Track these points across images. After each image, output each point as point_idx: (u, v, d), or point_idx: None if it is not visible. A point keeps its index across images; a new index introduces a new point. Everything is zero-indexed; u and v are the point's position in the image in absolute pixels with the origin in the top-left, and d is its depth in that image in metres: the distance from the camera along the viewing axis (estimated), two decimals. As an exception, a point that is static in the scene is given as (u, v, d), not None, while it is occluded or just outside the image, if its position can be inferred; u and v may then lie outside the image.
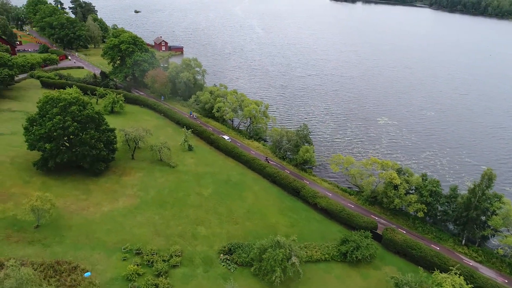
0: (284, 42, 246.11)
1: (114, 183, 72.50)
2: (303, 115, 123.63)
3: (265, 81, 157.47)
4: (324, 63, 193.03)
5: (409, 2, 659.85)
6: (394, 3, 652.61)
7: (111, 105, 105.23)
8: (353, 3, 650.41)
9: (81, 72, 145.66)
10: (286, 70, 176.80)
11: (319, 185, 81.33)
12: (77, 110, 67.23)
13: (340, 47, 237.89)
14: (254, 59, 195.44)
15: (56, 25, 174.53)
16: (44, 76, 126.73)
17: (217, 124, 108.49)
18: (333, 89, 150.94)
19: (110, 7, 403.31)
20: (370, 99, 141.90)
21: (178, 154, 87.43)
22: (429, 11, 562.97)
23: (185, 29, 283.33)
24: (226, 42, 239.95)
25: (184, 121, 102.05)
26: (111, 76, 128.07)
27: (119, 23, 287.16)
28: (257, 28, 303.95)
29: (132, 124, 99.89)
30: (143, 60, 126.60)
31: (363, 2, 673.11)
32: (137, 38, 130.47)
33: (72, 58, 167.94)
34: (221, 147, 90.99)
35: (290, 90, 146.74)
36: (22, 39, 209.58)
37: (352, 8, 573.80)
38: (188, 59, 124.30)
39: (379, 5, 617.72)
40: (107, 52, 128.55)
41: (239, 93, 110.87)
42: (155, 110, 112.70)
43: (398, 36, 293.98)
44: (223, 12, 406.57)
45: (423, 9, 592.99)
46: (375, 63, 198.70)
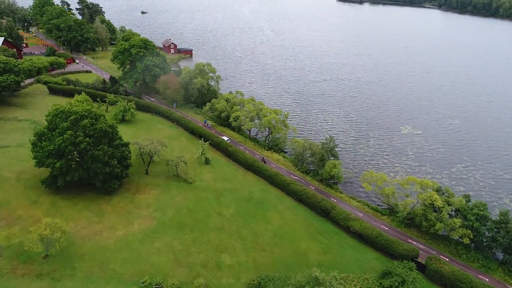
0: (295, 44, 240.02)
1: (128, 202, 66.83)
2: (322, 124, 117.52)
3: (279, 87, 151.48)
4: (339, 67, 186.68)
5: (418, 3, 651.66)
6: (402, 4, 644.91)
7: (122, 113, 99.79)
8: (361, 4, 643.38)
9: (89, 77, 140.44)
10: (300, 74, 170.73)
11: (347, 204, 75.22)
12: (89, 124, 61.64)
13: (353, 50, 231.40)
14: (266, 63, 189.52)
15: (64, 27, 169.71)
16: (51, 82, 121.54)
17: (234, 133, 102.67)
18: (351, 95, 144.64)
19: (116, 8, 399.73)
20: (391, 106, 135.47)
21: (194, 168, 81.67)
22: (438, 12, 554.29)
23: (193, 31, 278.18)
24: (236, 44, 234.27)
25: (199, 131, 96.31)
26: (121, 82, 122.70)
27: (126, 24, 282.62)
28: (266, 29, 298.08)
29: (144, 133, 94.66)
30: (154, 65, 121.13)
31: (370, 3, 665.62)
32: (148, 41, 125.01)
33: (79, 61, 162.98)
34: (240, 160, 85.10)
35: (306, 97, 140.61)
36: (29, 41, 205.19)
37: (360, 9, 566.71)
38: (201, 64, 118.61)
39: (387, 6, 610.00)
40: (117, 57, 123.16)
41: (257, 101, 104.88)
42: (168, 118, 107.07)
43: (411, 38, 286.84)
44: (230, 13, 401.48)
45: (432, 10, 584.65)
46: (391, 67, 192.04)
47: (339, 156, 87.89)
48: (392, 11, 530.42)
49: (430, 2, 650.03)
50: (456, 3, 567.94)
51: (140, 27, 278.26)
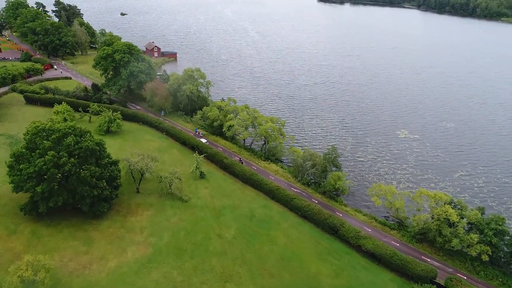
0: (281, 46, 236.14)
1: (119, 226, 60.66)
2: (317, 130, 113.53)
3: (270, 91, 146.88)
4: (328, 69, 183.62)
5: (397, 3, 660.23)
6: (382, 4, 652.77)
7: (107, 124, 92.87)
8: (341, 4, 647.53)
9: (69, 84, 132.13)
10: (290, 77, 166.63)
11: (353, 218, 71.18)
12: (74, 142, 55.21)
13: (341, 51, 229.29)
14: (254, 66, 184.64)
15: (40, 31, 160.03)
16: (28, 90, 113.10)
17: (227, 143, 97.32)
18: (343, 99, 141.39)
19: (94, 10, 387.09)
20: (385, 110, 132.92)
21: (189, 184, 75.98)
22: (417, 12, 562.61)
23: (176, 33, 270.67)
24: (221, 47, 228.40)
25: (191, 141, 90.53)
26: (104, 89, 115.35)
27: (105, 26, 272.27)
28: (251, 31, 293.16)
29: (132, 146, 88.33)
30: (139, 70, 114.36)
31: (351, 3, 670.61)
32: (132, 46, 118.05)
33: (58, 67, 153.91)
34: (237, 173, 79.89)
35: (298, 101, 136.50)
36: (2, 46, 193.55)
37: (341, 9, 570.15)
38: (190, 69, 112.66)
39: (368, 6, 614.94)
40: (99, 63, 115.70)
41: (251, 108, 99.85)
42: (157, 128, 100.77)
43: (397, 39, 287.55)
44: (213, 15, 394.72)
45: (412, 10, 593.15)
46: (381, 69, 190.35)
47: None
48: (373, 11, 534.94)
49: (409, 2, 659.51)
50: (435, 3, 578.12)
51: (121, 30, 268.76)
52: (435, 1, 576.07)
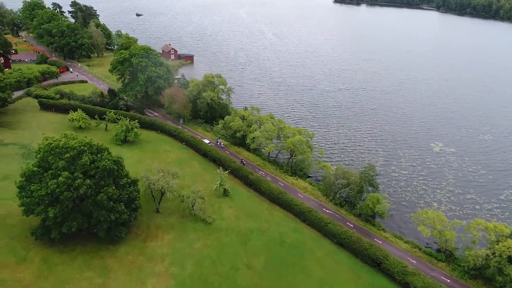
0: (300, 49, 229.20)
1: (138, 253, 54.82)
2: (344, 141, 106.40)
3: (291, 97, 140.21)
4: (350, 74, 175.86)
5: (415, 4, 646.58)
6: (399, 6, 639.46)
7: (124, 133, 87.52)
8: (358, 5, 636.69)
9: (85, 88, 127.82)
10: (311, 83, 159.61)
11: (394, 246, 64.03)
12: (90, 162, 49.55)
13: (361, 54, 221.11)
14: (272, 70, 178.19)
15: (56, 33, 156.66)
16: (43, 95, 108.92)
17: (250, 155, 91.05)
18: (369, 107, 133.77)
19: (110, 10, 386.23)
20: (415, 120, 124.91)
21: (212, 202, 69.90)
22: (437, 14, 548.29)
23: (192, 35, 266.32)
24: (239, 49, 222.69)
25: (213, 154, 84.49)
26: (121, 95, 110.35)
27: (121, 27, 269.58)
28: (268, 33, 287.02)
29: (150, 157, 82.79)
30: (157, 76, 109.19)
31: (367, 4, 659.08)
32: (150, 50, 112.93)
33: (73, 70, 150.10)
34: (263, 191, 73.47)
35: (322, 109, 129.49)
36: (18, 47, 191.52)
37: (358, 10, 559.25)
38: (211, 75, 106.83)
39: (384, 8, 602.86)
40: (116, 67, 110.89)
41: (276, 118, 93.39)
42: (176, 137, 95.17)
43: (417, 41, 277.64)
44: (228, 16, 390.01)
45: (430, 12, 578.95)
46: (406, 74, 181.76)
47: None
48: (390, 12, 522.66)
49: (428, 4, 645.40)
50: (455, 4, 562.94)
51: (136, 31, 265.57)
52: (456, 2, 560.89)
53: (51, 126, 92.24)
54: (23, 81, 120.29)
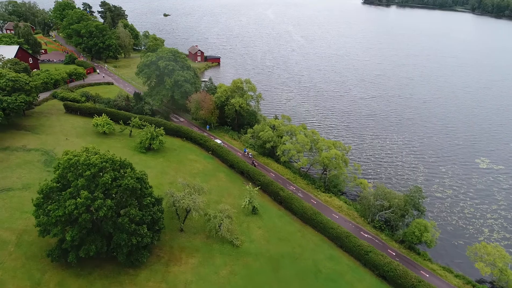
0: (329, 52, 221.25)
1: (160, 279, 50.06)
2: (380, 154, 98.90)
3: (321, 104, 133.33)
4: (384, 80, 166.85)
5: (449, 6, 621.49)
6: (432, 8, 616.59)
7: (148, 141, 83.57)
8: (387, 7, 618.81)
9: (110, 90, 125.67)
10: (342, 89, 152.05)
11: (443, 280, 56.71)
12: (112, 179, 45.11)
13: (394, 59, 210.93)
14: (301, 74, 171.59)
15: (84, 33, 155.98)
16: (68, 98, 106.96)
17: (280, 167, 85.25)
18: (406, 117, 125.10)
19: (138, 10, 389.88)
20: (457, 132, 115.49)
21: (240, 221, 64.58)
22: (471, 17, 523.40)
23: (218, 36, 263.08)
24: (266, 52, 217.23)
25: (241, 166, 79.22)
26: (146, 99, 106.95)
27: (148, 27, 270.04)
28: (295, 35, 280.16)
29: (175, 168, 78.36)
30: (184, 80, 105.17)
31: (397, 5, 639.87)
32: (177, 53, 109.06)
33: (100, 71, 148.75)
34: (295, 210, 67.51)
35: (355, 118, 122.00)
36: (48, 47, 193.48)
37: (388, 12, 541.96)
38: (239, 80, 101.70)
39: (415, 9, 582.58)
40: (142, 70, 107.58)
41: (310, 129, 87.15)
42: (202, 146, 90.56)
43: (453, 46, 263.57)
44: (254, 17, 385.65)
45: (465, 14, 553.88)
46: (443, 81, 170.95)
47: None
48: (422, 15, 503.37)
49: (462, 6, 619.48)
50: (492, 6, 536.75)
51: (163, 31, 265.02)
52: (493, 4, 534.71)
53: (75, 131, 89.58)
54: (50, 82, 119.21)
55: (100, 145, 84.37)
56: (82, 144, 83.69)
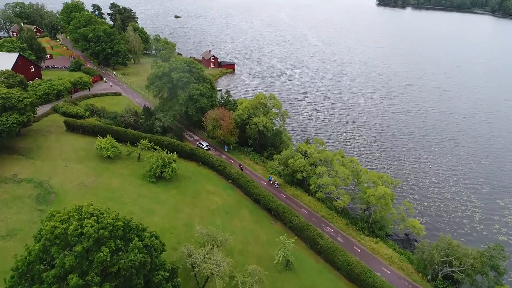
0: (350, 58, 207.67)
1: None
2: (425, 182, 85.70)
3: (349, 119, 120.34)
4: (415, 91, 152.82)
5: (467, 8, 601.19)
6: (449, 10, 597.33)
7: (159, 169, 71.63)
8: (403, 8, 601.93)
9: (118, 102, 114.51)
10: (370, 101, 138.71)
11: None
12: (111, 253, 32.96)
13: (421, 66, 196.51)
14: (323, 83, 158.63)
15: (91, 38, 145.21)
16: (71, 113, 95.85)
17: (312, 200, 72.60)
18: (448, 136, 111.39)
19: (149, 12, 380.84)
20: (508, 155, 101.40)
21: (272, 279, 52.11)
22: (492, 19, 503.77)
23: (231, 39, 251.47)
24: (283, 57, 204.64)
25: (268, 201, 66.76)
26: (157, 115, 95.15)
27: (159, 30, 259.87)
28: (312, 39, 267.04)
29: (190, 204, 66.55)
30: (200, 93, 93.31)
31: (413, 7, 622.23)
32: (193, 63, 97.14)
33: (108, 79, 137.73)
34: (339, 264, 54.81)
35: (388, 136, 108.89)
36: (54, 51, 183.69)
37: (404, 14, 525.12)
38: (263, 96, 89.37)
39: (432, 11, 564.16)
40: (153, 83, 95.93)
41: (348, 157, 74.36)
42: (220, 172, 78.38)
43: (483, 51, 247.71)
44: (268, 19, 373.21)
45: (484, 16, 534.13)
46: (480, 93, 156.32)
47: (467, 242, 55.83)
48: (440, 17, 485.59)
49: (481, 8, 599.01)
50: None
51: (175, 35, 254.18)
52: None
53: (76, 154, 78.08)
54: (52, 93, 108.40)
55: (103, 172, 72.93)
56: (83, 171, 72.67)
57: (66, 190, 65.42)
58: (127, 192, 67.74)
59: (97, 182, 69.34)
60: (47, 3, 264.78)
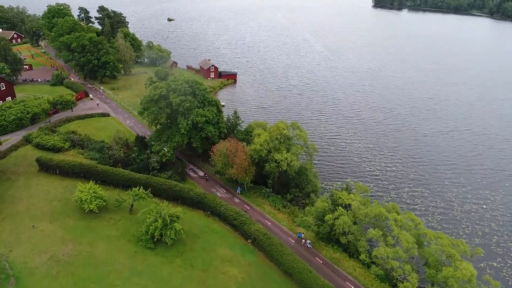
0: (361, 66, 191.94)
1: None
2: (484, 229, 69.59)
3: (373, 142, 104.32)
4: (441, 107, 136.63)
5: (464, 10, 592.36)
6: (446, 11, 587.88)
7: (158, 231, 54.30)
8: (399, 10, 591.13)
9: (105, 126, 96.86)
10: (394, 119, 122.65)
11: None
12: None
13: (439, 75, 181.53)
14: (337, 97, 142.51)
15: (75, 48, 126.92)
16: (46, 145, 77.88)
17: (358, 268, 56.06)
18: (492, 165, 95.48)
19: (139, 14, 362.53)
20: None
21: None
22: (491, 22, 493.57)
23: (229, 45, 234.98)
24: (287, 66, 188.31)
25: (305, 278, 49.87)
26: (153, 147, 77.57)
27: (152, 35, 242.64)
28: (315, 44, 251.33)
29: (201, 279, 49.47)
30: (206, 120, 76.21)
31: (409, 9, 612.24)
32: (197, 84, 79.90)
33: (94, 96, 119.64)
34: None
35: (426, 166, 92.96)
36: (35, 60, 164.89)
37: (401, 16, 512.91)
38: (284, 125, 72.44)
39: (429, 13, 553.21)
40: (148, 108, 78.48)
41: (403, 211, 57.89)
42: (235, 228, 61.35)
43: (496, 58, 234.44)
44: (265, 22, 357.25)
45: (483, 18, 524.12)
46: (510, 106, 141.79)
47: None
48: (439, 19, 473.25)
49: (478, 10, 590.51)
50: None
51: (168, 40, 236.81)
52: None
53: (49, 207, 60.38)
54: (26, 117, 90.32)
55: (85, 234, 55.50)
56: (58, 234, 55.00)
57: (31, 270, 47.89)
58: (116, 267, 50.48)
59: (75, 253, 51.88)
60: (30, 6, 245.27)
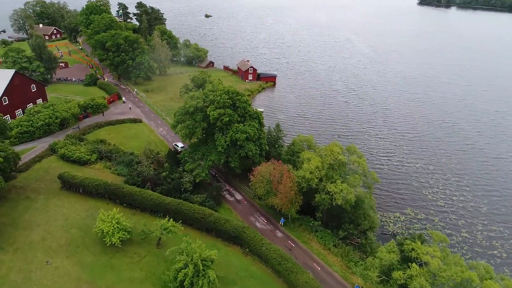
0: (412, 72, 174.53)
1: None
2: None
3: (438, 167, 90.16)
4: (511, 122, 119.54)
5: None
6: (500, 10, 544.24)
7: (189, 279, 44.90)
8: (447, 8, 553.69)
9: (137, 134, 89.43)
10: (459, 137, 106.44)
11: None
12: None
13: (504, 84, 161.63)
14: (389, 107, 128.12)
15: (110, 46, 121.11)
16: (72, 157, 71.03)
17: None
18: None
19: (177, 11, 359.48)
20: None
21: None
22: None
23: (267, 44, 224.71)
24: (330, 68, 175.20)
25: None
26: (186, 165, 68.58)
27: (189, 32, 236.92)
28: (359, 45, 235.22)
29: None
30: (247, 137, 66.22)
31: (458, 6, 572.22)
32: (238, 95, 69.98)
33: (127, 98, 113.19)
34: None
35: (502, 200, 78.18)
36: (72, 57, 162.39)
37: (450, 14, 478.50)
38: (338, 149, 60.98)
39: (480, 12, 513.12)
40: (182, 121, 69.55)
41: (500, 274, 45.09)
42: (279, 273, 50.96)
43: None
44: (304, 20, 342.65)
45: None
46: None
47: None
48: (491, 18, 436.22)
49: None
50: None
51: (205, 38, 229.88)
52: None
53: (67, 237, 52.71)
54: (54, 123, 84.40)
55: (104, 273, 47.18)
56: (73, 274, 47.01)
57: (39, 323, 39.86)
58: (137, 324, 41.55)
59: (92, 300, 43.51)
60: (72, 1, 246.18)
